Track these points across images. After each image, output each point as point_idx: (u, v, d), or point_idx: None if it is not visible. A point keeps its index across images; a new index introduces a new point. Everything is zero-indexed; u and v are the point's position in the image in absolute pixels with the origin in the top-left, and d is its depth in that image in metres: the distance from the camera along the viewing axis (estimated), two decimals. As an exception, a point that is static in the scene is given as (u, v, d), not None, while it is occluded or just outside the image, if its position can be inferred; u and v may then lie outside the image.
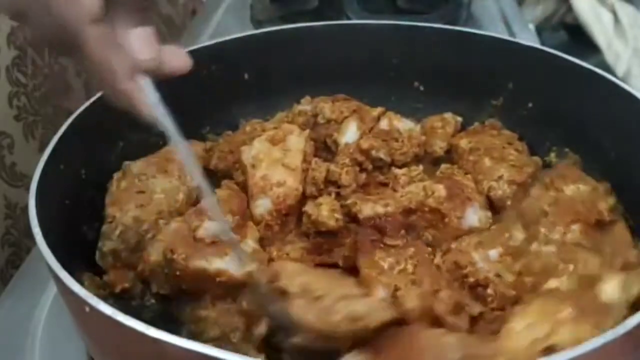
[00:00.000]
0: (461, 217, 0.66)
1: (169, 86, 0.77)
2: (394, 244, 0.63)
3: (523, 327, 0.52)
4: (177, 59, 0.54)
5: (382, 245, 0.63)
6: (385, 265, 0.60)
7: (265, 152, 0.70)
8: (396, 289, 0.58)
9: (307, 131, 0.75)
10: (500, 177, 0.70)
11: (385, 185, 0.71)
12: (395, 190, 0.69)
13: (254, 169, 0.69)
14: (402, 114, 0.81)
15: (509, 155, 0.73)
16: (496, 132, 0.78)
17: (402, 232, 0.63)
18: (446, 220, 0.65)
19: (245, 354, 0.53)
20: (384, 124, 0.78)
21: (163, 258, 0.60)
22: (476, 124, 0.83)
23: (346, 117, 0.78)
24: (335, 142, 0.77)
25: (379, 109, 0.80)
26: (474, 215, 0.67)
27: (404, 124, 0.78)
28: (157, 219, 0.65)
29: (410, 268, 0.60)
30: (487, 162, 0.73)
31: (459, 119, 0.82)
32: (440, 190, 0.66)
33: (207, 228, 0.61)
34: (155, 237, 0.63)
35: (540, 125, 0.79)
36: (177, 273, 0.59)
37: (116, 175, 0.70)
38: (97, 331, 0.51)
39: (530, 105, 0.80)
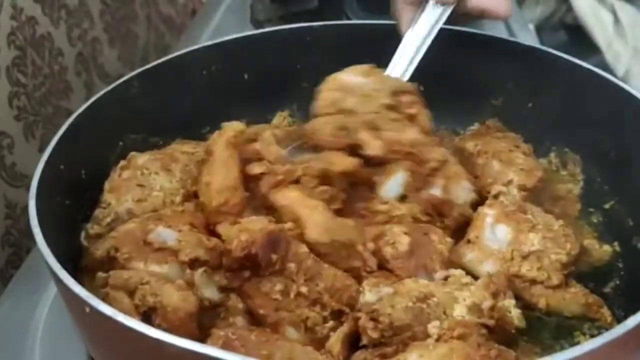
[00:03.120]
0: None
1: (170, 86, 0.78)
2: (273, 270, 0.56)
3: None
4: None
5: (260, 278, 0.57)
6: (278, 296, 0.56)
7: (202, 169, 0.68)
8: (306, 321, 0.55)
9: (239, 125, 0.69)
10: (510, 182, 0.70)
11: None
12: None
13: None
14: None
15: (517, 159, 0.72)
16: (501, 135, 0.78)
17: (274, 256, 0.56)
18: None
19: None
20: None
21: (106, 255, 0.59)
22: (476, 124, 0.83)
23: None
24: None
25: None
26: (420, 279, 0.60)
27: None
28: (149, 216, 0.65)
29: (304, 289, 0.56)
30: (495, 165, 0.72)
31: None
32: (404, 243, 0.61)
33: (159, 233, 0.60)
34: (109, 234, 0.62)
35: (540, 125, 0.79)
36: None
37: (121, 163, 0.69)
38: (97, 331, 0.51)
39: (530, 105, 0.80)
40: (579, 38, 1.46)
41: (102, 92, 0.71)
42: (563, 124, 0.77)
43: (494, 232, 0.64)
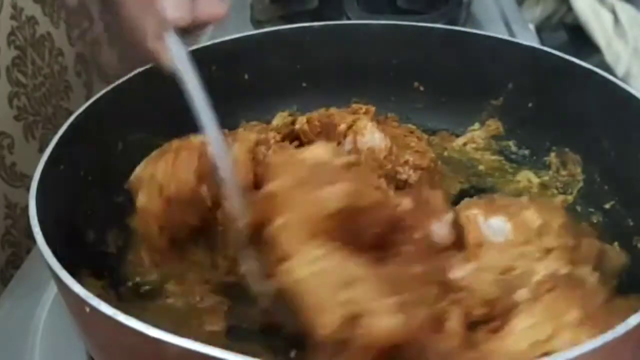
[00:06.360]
0: (427, 230, 0.61)
1: (169, 86, 0.78)
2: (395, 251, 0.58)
3: (526, 326, 0.51)
4: (211, 8, 0.61)
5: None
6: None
7: None
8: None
9: (255, 136, 0.72)
10: (406, 162, 0.71)
11: None
12: None
13: None
14: (402, 114, 0.81)
15: (411, 142, 0.74)
16: (396, 124, 0.80)
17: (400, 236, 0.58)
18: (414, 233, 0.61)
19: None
20: (348, 143, 0.73)
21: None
22: (476, 124, 0.83)
23: (318, 134, 0.75)
24: None
25: (350, 119, 0.75)
26: (440, 230, 0.62)
27: (368, 140, 0.73)
28: None
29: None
30: (393, 149, 0.73)
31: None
32: (406, 203, 0.62)
33: None
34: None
35: (540, 125, 0.79)
36: None
37: None
38: (97, 331, 0.51)
39: (530, 105, 0.80)
40: (579, 38, 1.46)
41: (102, 92, 0.71)
42: (563, 124, 0.77)
43: (491, 227, 0.63)
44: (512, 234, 0.62)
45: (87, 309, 0.46)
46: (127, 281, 0.67)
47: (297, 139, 0.75)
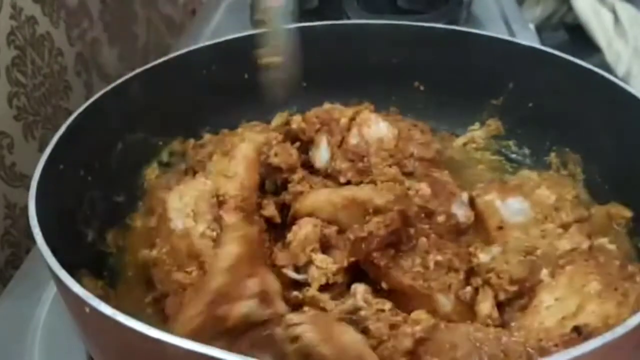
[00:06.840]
0: (449, 212, 0.65)
1: (170, 86, 0.78)
2: (411, 245, 0.60)
3: (552, 302, 0.53)
4: None
5: (400, 253, 0.60)
6: (420, 268, 0.59)
7: (215, 165, 0.70)
8: (450, 288, 0.58)
9: (262, 136, 0.72)
10: (411, 155, 0.71)
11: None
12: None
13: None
14: (402, 114, 0.81)
15: (415, 135, 0.74)
16: (400, 117, 0.80)
17: (411, 230, 0.61)
18: (437, 218, 0.64)
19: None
20: (353, 136, 0.73)
21: None
22: (476, 124, 0.83)
23: (318, 131, 0.75)
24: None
25: (350, 112, 0.75)
26: (460, 210, 0.66)
27: (375, 131, 0.73)
28: None
29: (439, 257, 0.59)
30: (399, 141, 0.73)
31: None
32: (424, 188, 0.66)
33: None
34: None
35: (540, 125, 0.79)
36: None
37: None
38: (97, 331, 0.51)
39: (530, 105, 0.80)
40: (579, 38, 1.46)
41: (102, 92, 0.71)
42: (563, 124, 0.77)
43: (510, 208, 0.64)
44: (531, 212, 0.64)
45: (87, 309, 0.46)
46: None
47: (298, 139, 0.75)
